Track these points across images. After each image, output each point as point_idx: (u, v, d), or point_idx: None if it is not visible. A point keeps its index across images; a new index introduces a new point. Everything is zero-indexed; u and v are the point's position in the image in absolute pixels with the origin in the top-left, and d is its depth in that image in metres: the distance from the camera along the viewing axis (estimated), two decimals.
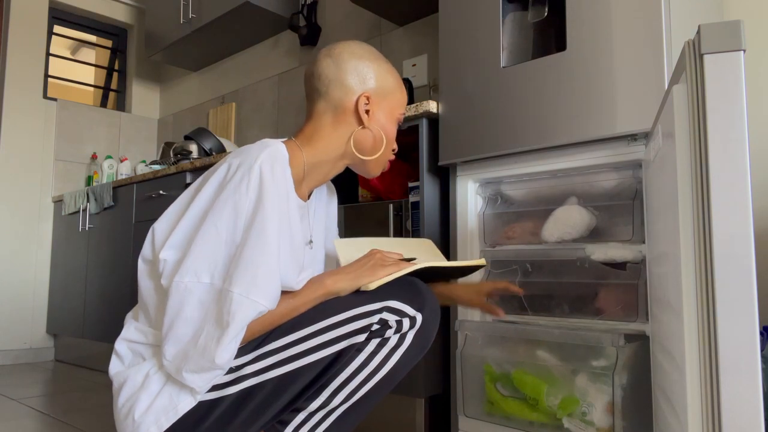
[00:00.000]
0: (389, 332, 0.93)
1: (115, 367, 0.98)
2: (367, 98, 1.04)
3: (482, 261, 1.06)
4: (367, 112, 1.04)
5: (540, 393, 1.30)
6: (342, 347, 0.92)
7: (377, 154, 1.07)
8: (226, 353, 0.85)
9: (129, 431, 0.90)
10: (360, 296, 0.95)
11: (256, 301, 0.86)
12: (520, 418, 1.35)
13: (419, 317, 0.95)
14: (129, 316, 1.02)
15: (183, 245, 0.91)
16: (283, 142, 1.02)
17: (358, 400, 0.94)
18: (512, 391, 1.35)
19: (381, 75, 1.07)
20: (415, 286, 0.97)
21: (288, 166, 0.96)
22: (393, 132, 1.10)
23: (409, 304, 0.94)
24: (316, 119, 1.06)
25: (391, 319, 0.93)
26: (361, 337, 0.92)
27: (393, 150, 1.12)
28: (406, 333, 0.94)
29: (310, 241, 1.12)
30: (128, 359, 0.97)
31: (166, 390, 0.90)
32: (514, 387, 1.35)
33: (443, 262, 1.02)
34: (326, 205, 1.21)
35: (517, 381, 1.35)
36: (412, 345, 0.95)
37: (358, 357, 0.93)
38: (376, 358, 0.93)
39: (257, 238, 0.88)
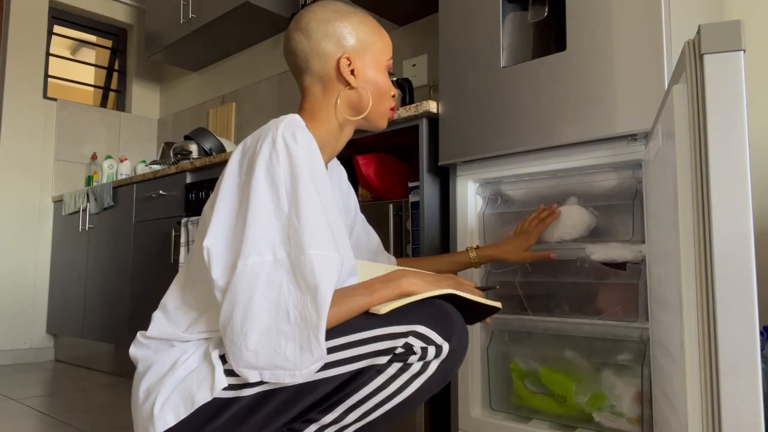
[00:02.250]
0: (413, 358, 0.90)
1: (140, 350, 0.97)
2: (348, 59, 1.02)
3: (498, 304, 1.04)
4: (352, 72, 1.02)
5: (569, 391, 1.33)
6: (362, 366, 0.89)
7: (372, 108, 1.05)
8: (325, 314, 0.83)
9: (146, 416, 0.89)
10: (388, 316, 0.92)
11: (332, 255, 0.86)
12: (548, 412, 1.38)
13: (446, 347, 0.91)
14: (157, 316, 0.99)
15: (226, 232, 0.90)
16: None
17: (371, 422, 0.92)
18: (540, 388, 1.38)
19: (355, 29, 1.03)
20: (446, 313, 0.93)
21: (308, 131, 0.94)
22: (385, 81, 1.06)
23: (437, 332, 0.90)
24: (308, 94, 1.05)
25: (417, 345, 0.89)
26: (383, 359, 0.89)
27: (393, 96, 1.09)
28: (430, 362, 0.91)
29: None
30: (155, 346, 0.96)
31: (189, 378, 0.89)
32: (542, 384, 1.38)
33: (466, 294, 0.99)
34: (339, 181, 1.20)
35: (545, 379, 1.38)
36: (434, 374, 0.91)
37: (377, 378, 0.90)
38: (395, 383, 0.90)
39: (307, 199, 0.87)
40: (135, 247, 2.77)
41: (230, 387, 0.90)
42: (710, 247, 0.71)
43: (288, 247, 0.86)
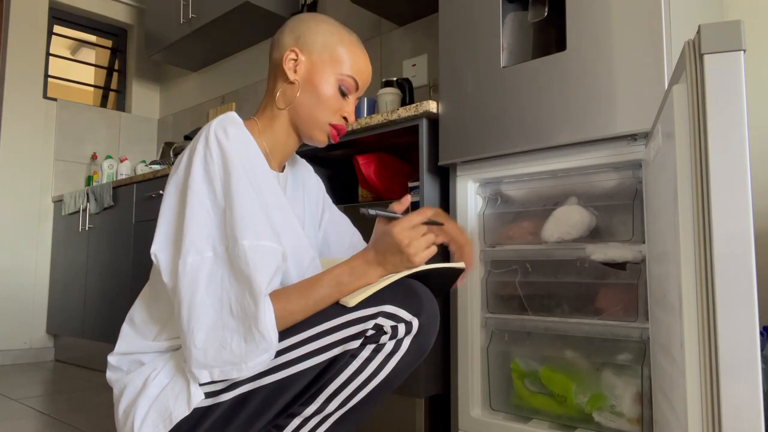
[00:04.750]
0: (384, 338, 0.91)
1: (114, 374, 0.98)
2: (295, 52, 1.00)
3: (462, 264, 1.02)
4: (295, 67, 1.00)
5: (568, 391, 1.33)
6: (336, 353, 0.91)
7: (306, 113, 1.01)
8: (267, 307, 0.84)
9: None
10: None
11: (268, 245, 0.87)
12: (548, 412, 1.38)
13: (415, 322, 0.92)
14: (124, 329, 1.00)
15: (171, 235, 0.92)
16: (244, 121, 1.03)
17: (353, 406, 0.93)
18: (540, 388, 1.38)
19: (318, 32, 1.01)
20: (412, 290, 0.94)
21: (243, 127, 0.96)
22: (329, 91, 1.00)
23: (405, 309, 0.91)
24: (266, 89, 1.07)
25: (387, 324, 0.90)
26: (356, 343, 0.90)
27: (344, 116, 1.04)
28: (402, 339, 0.92)
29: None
30: (126, 367, 0.97)
31: (164, 395, 0.90)
32: (542, 384, 1.39)
33: (426, 267, 0.98)
34: (303, 184, 1.17)
35: (545, 379, 1.38)
36: (408, 351, 0.93)
37: (352, 363, 0.91)
38: (371, 365, 0.91)
39: (240, 191, 0.88)
40: (135, 247, 2.76)
41: (207, 395, 0.90)
42: (710, 247, 0.71)
43: (226, 242, 0.88)
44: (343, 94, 1.03)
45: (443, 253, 1.61)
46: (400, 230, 0.92)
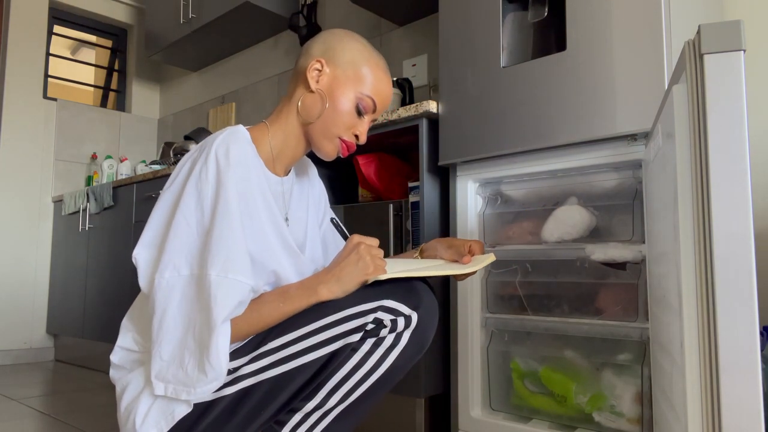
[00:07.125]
0: (384, 332, 0.92)
1: (117, 372, 0.98)
2: (320, 62, 1.01)
3: (460, 270, 1.03)
4: (318, 78, 1.01)
5: (568, 391, 1.33)
6: (337, 347, 0.92)
7: (323, 125, 1.01)
8: (221, 339, 0.85)
9: None
10: (355, 295, 0.95)
11: (235, 279, 0.86)
12: (548, 412, 1.38)
13: (414, 316, 0.93)
14: (125, 324, 1.01)
15: (155, 242, 0.92)
16: (254, 126, 1.04)
17: (354, 401, 0.94)
18: (540, 388, 1.38)
19: (347, 48, 1.02)
20: (411, 284, 0.96)
21: (248, 144, 0.96)
22: (346, 107, 1.01)
23: (404, 303, 0.93)
24: (285, 93, 1.07)
25: (386, 318, 0.92)
26: (356, 337, 0.91)
27: (356, 134, 1.04)
28: (402, 332, 0.93)
29: (286, 219, 1.07)
30: (129, 366, 0.98)
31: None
32: (542, 384, 1.39)
33: (447, 270, 1.01)
34: (309, 186, 1.17)
35: (545, 379, 1.38)
36: (408, 345, 0.94)
37: (353, 357, 0.92)
38: (371, 358, 0.92)
39: (223, 219, 0.88)
40: (135, 247, 2.76)
41: None
42: (710, 247, 0.71)
43: (200, 264, 0.88)
44: (359, 113, 1.03)
45: None
46: (360, 237, 0.96)
